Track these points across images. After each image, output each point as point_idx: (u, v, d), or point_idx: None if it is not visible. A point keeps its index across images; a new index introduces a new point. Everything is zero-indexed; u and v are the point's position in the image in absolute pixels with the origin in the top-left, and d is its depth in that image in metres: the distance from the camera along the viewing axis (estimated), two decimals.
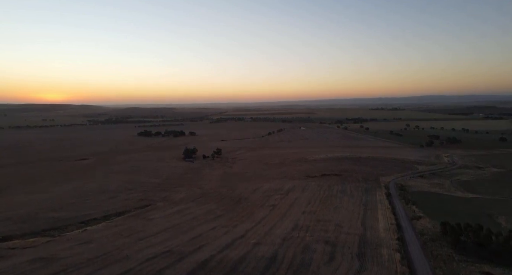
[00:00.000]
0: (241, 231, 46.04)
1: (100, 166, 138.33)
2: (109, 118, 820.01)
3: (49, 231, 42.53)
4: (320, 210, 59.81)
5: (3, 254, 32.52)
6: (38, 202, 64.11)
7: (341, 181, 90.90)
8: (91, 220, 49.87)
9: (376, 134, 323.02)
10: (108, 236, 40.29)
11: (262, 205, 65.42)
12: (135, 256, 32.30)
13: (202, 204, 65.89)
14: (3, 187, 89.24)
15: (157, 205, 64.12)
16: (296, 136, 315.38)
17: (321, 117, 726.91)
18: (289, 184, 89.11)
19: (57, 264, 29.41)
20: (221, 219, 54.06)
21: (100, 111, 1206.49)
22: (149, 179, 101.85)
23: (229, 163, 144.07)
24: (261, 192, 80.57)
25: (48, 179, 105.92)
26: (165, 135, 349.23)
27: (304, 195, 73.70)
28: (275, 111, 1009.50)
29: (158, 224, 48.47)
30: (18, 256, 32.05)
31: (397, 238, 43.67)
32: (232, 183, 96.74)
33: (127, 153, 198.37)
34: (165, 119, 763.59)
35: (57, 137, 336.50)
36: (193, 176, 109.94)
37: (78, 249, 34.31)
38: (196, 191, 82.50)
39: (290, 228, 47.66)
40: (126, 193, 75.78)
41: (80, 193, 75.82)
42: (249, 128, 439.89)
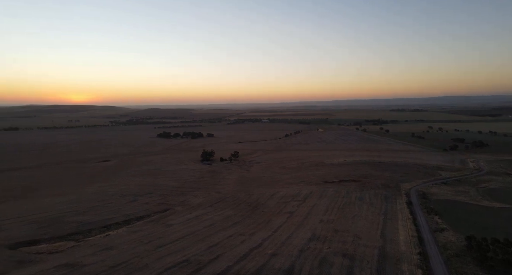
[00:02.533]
0: (258, 240, 46.01)
1: (121, 168, 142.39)
2: (130, 119, 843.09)
3: (74, 235, 44.15)
4: (338, 219, 58.88)
5: (31, 259, 34.07)
6: (62, 205, 66.74)
7: (360, 188, 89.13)
8: (113, 224, 51.35)
9: (396, 137, 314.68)
10: (128, 242, 41.35)
11: (279, 212, 65.16)
12: (154, 265, 32.98)
13: (219, 210, 66.38)
14: (30, 190, 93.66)
15: (175, 210, 65.20)
16: (313, 139, 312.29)
17: (339, 119, 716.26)
18: (306, 190, 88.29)
19: (81, 271, 30.49)
20: (238, 226, 54.25)
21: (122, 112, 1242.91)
22: (167, 182, 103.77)
23: (246, 166, 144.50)
24: (278, 197, 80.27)
25: (72, 181, 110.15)
26: (183, 137, 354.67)
27: (321, 202, 72.79)
28: (292, 113, 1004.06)
29: (176, 230, 49.25)
30: (45, 261, 33.46)
31: (418, 253, 42.27)
32: (249, 187, 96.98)
33: (147, 155, 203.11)
34: (183, 120, 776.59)
35: (81, 138, 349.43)
36: (210, 180, 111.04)
37: (100, 255, 35.40)
38: (213, 195, 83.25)
39: (307, 238, 47.18)
40: (145, 197, 77.54)
41: (102, 196, 78.29)
42: (266, 130, 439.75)
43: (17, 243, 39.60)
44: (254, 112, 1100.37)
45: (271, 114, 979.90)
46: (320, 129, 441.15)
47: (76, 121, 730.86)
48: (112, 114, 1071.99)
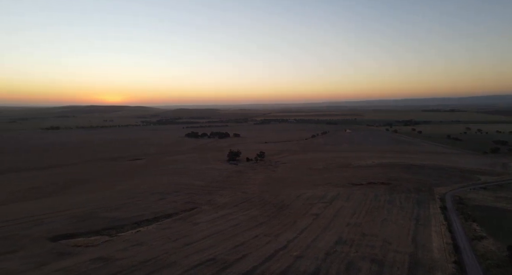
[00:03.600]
0: (283, 241, 45.78)
1: (151, 166, 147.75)
2: (160, 119, 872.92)
3: (108, 230, 46.37)
4: (366, 222, 57.15)
5: (70, 251, 36.25)
6: (97, 201, 70.39)
7: (390, 191, 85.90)
8: (144, 221, 53.32)
9: (430, 138, 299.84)
10: (158, 239, 42.75)
11: (305, 214, 64.42)
12: (182, 262, 33.86)
13: (245, 210, 66.83)
14: (68, 186, 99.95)
15: (202, 209, 66.45)
16: (341, 140, 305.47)
17: (368, 119, 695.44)
18: (333, 192, 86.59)
19: (114, 265, 31.93)
20: (263, 226, 54.30)
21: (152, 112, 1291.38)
22: (195, 181, 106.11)
23: (272, 167, 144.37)
24: (304, 199, 79.39)
25: (105, 179, 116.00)
26: (210, 136, 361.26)
27: (348, 205, 71.04)
28: (320, 113, 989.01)
29: (203, 229, 50.21)
30: (82, 254, 35.44)
31: (454, 261, 39.90)
32: (275, 188, 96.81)
33: (175, 154, 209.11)
34: (210, 120, 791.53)
35: (114, 137, 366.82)
36: (236, 179, 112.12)
37: (132, 251, 36.87)
38: (239, 195, 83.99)
39: (334, 241, 46.22)
40: (173, 195, 79.82)
41: (133, 193, 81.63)
42: (293, 130, 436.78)
43: (57, 236, 42.25)
44: (281, 113, 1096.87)
45: (297, 115, 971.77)
46: (348, 130, 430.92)
47: (110, 121, 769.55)
48: (143, 115, 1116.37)
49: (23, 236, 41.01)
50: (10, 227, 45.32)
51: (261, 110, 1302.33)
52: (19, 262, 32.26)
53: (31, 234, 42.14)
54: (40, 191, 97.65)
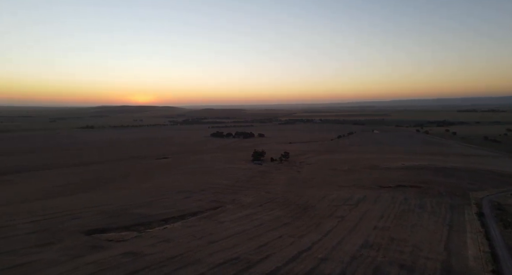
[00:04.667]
0: (307, 242, 45.24)
1: (177, 165, 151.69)
2: (187, 119, 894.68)
3: (137, 226, 48.19)
4: (394, 226, 55.11)
5: (103, 245, 38.08)
6: (127, 198, 73.40)
7: (420, 194, 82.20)
8: (170, 218, 54.85)
9: (465, 140, 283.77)
10: (184, 236, 43.79)
11: (330, 215, 63.27)
12: (206, 260, 34.44)
13: (269, 210, 66.79)
14: (100, 182, 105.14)
15: (226, 208, 67.20)
16: (368, 141, 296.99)
17: (397, 119, 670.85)
18: (359, 194, 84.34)
19: (143, 260, 33.11)
20: (287, 227, 53.97)
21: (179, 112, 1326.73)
22: (219, 180, 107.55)
23: (296, 167, 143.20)
24: (329, 200, 77.99)
25: (134, 176, 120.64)
26: (235, 136, 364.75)
27: (376, 208, 68.85)
28: (346, 113, 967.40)
29: (227, 227, 50.77)
30: (113, 248, 37.09)
31: (492, 271, 37.44)
32: (299, 188, 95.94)
33: (201, 153, 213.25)
34: (235, 120, 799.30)
35: (143, 136, 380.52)
36: (261, 179, 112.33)
37: (159, 247, 38.05)
38: (263, 195, 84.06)
39: (360, 245, 45.00)
40: (199, 194, 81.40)
41: (160, 191, 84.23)
42: (318, 131, 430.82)
43: (91, 230, 44.42)
44: (306, 113, 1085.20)
45: (323, 115, 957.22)
46: (376, 131, 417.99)
47: (140, 120, 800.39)
48: (171, 114, 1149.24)
49: (60, 229, 43.52)
50: (49, 221, 48.29)
51: (286, 110, 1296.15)
52: (58, 254, 34.29)
53: (67, 228, 44.64)
54: (75, 187, 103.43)
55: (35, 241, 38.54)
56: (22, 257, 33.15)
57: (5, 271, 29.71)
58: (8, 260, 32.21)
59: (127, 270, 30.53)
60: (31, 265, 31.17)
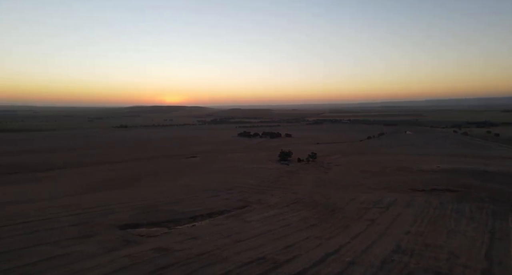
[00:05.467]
0: (335, 245, 44.35)
1: (205, 164, 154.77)
2: (215, 118, 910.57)
3: (166, 223, 49.86)
4: (428, 232, 52.42)
5: (135, 240, 39.81)
6: (157, 195, 76.07)
7: (457, 199, 77.44)
8: (198, 216, 56.17)
9: (510, 142, 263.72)
10: (211, 234, 44.63)
11: (359, 218, 61.56)
12: (233, 259, 34.85)
13: (295, 211, 66.33)
14: (135, 179, 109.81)
15: (253, 207, 67.59)
16: (399, 142, 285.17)
17: (432, 120, 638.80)
18: (389, 197, 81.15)
19: (172, 256, 34.17)
20: (314, 228, 53.27)
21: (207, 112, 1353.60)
22: (246, 179, 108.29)
23: (324, 168, 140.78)
24: (358, 203, 75.88)
25: (165, 174, 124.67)
26: (262, 136, 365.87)
27: (408, 212, 65.88)
28: (376, 113, 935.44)
29: (254, 227, 51.07)
30: (145, 243, 38.65)
31: None
32: (326, 190, 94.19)
33: (228, 152, 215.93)
34: (263, 120, 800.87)
35: (173, 135, 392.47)
36: (287, 180, 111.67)
37: (188, 244, 39.08)
38: (290, 196, 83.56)
39: (391, 250, 43.33)
40: (226, 193, 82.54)
41: (189, 189, 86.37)
42: (346, 131, 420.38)
43: (125, 225, 46.56)
44: (334, 113, 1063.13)
45: (352, 115, 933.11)
46: (408, 132, 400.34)
47: (170, 120, 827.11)
48: (200, 114, 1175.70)
49: (97, 223, 45.98)
50: (87, 215, 51.20)
51: (314, 110, 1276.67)
52: (95, 246, 36.26)
53: (103, 222, 47.07)
54: (110, 183, 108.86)
55: (75, 233, 41.09)
56: (64, 248, 35.45)
57: (48, 260, 31.88)
58: (51, 250, 34.60)
59: (158, 265, 31.69)
60: (71, 255, 33.25)
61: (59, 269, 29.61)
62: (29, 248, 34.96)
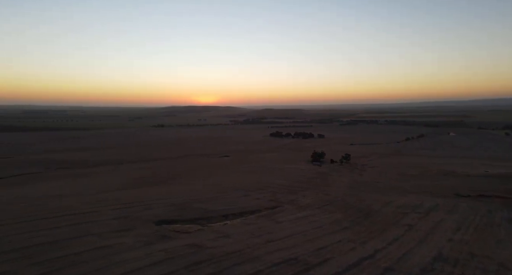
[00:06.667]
0: (370, 249, 42.69)
1: (237, 163, 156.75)
2: (247, 119, 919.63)
3: (199, 220, 51.17)
4: (474, 240, 48.62)
5: (170, 236, 41.32)
6: (191, 193, 78.33)
7: (508, 206, 71.01)
8: (230, 215, 56.97)
9: None
10: (242, 233, 45.02)
11: (396, 223, 58.76)
12: (264, 258, 34.86)
13: (328, 212, 64.89)
14: (170, 177, 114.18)
15: (284, 208, 67.21)
16: (442, 144, 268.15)
17: (480, 121, 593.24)
18: (430, 202, 76.51)
19: (205, 252, 34.97)
20: (347, 231, 51.73)
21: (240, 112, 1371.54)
22: (277, 180, 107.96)
23: (358, 170, 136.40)
24: (394, 206, 72.47)
25: (198, 173, 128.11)
26: (294, 136, 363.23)
27: (451, 218, 61.64)
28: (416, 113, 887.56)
29: (285, 228, 50.75)
30: (179, 239, 39.95)
31: None
32: (360, 192, 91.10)
33: (260, 152, 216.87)
34: (295, 120, 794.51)
35: (207, 135, 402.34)
36: (320, 181, 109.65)
37: (220, 241, 39.78)
38: (322, 197, 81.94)
39: (431, 257, 40.78)
40: (257, 192, 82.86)
41: (221, 188, 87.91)
42: (383, 132, 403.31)
43: (160, 220, 48.51)
44: (370, 113, 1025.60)
45: (389, 116, 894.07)
46: (452, 133, 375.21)
47: (204, 120, 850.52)
48: (232, 114, 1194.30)
49: (135, 218, 48.37)
50: (127, 209, 54.07)
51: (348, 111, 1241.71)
52: (134, 240, 38.17)
53: (141, 217, 49.41)
54: (148, 180, 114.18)
55: (115, 226, 43.59)
56: (106, 240, 37.75)
57: (92, 251, 34.12)
58: (95, 241, 37.01)
59: (191, 261, 32.58)
60: (113, 247, 35.31)
61: (101, 260, 31.61)
62: (75, 238, 37.72)
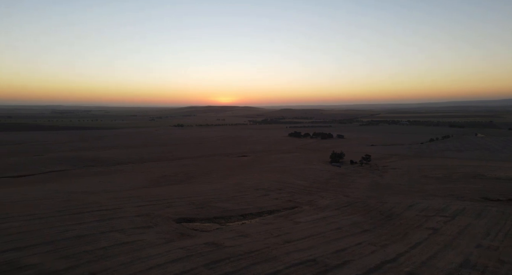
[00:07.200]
0: (391, 253, 41.64)
1: (256, 163, 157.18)
2: (265, 119, 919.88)
3: (218, 219, 51.80)
4: (505, 247, 46.29)
5: (189, 233, 42.12)
6: (211, 192, 79.36)
7: None
8: (248, 214, 57.31)
9: None
10: (260, 232, 45.17)
11: (419, 226, 57.00)
12: (282, 259, 34.83)
13: (347, 214, 63.90)
14: (190, 176, 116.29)
15: (303, 208, 66.84)
16: (469, 146, 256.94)
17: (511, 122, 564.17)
18: (456, 205, 73.57)
19: (223, 251, 35.38)
20: (368, 234, 50.71)
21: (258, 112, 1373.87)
22: (296, 180, 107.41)
23: (379, 171, 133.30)
24: (418, 210, 70.29)
25: (218, 172, 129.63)
26: (313, 137, 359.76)
27: (479, 223, 58.99)
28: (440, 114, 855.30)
29: (303, 228, 50.46)
30: (198, 237, 40.65)
31: None
32: (381, 194, 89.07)
33: (278, 152, 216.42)
34: (313, 120, 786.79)
35: (225, 135, 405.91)
36: (339, 182, 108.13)
37: (238, 240, 40.12)
38: (341, 199, 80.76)
39: (458, 263, 39.24)
40: (276, 192, 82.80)
41: (240, 187, 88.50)
42: (405, 133, 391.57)
43: (181, 218, 49.56)
44: (391, 114, 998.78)
45: (411, 116, 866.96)
46: (480, 135, 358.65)
47: (222, 120, 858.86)
48: (251, 114, 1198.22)
49: (157, 215, 49.66)
50: (149, 207, 55.63)
51: (368, 111, 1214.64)
52: (155, 236, 39.24)
53: (162, 214, 50.67)
54: (169, 179, 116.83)
55: (138, 223, 44.96)
56: (130, 236, 39.03)
57: (117, 246, 35.39)
58: (120, 237, 38.34)
59: (209, 259, 33.05)
60: (135, 243, 36.46)
61: (125, 255, 32.75)
62: (102, 233, 39.27)
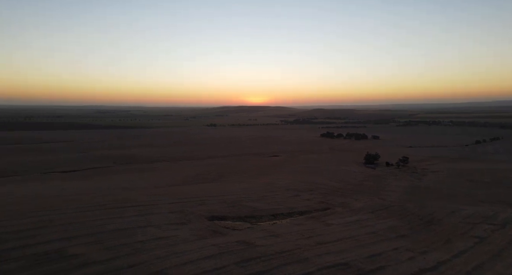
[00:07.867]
0: (431, 261, 39.34)
1: (287, 163, 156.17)
2: (297, 119, 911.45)
3: (249, 218, 52.21)
4: None
5: (221, 231, 42.91)
6: (241, 191, 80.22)
7: None
8: (279, 214, 57.13)
9: None
10: (291, 233, 44.82)
11: (463, 234, 53.23)
12: (314, 261, 34.28)
13: (382, 218, 61.37)
14: (222, 175, 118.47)
15: (335, 210, 65.32)
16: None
17: None
18: (506, 213, 67.66)
19: (254, 250, 35.60)
20: (405, 239, 48.31)
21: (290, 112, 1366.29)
22: (328, 181, 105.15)
23: (417, 174, 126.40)
24: (461, 216, 65.67)
25: (249, 171, 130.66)
26: (346, 137, 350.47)
27: None
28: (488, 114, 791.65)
29: (336, 231, 49.29)
30: (229, 235, 41.27)
31: None
32: (421, 198, 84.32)
33: (310, 153, 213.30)
34: (347, 121, 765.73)
35: (256, 135, 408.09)
36: (373, 184, 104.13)
37: (269, 240, 40.14)
38: (376, 202, 77.74)
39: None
40: (307, 193, 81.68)
41: (271, 187, 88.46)
42: (448, 134, 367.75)
43: (213, 216, 50.66)
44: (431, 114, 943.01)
45: (454, 116, 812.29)
46: None
47: (254, 120, 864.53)
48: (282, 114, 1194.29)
49: (190, 213, 51.23)
50: (183, 204, 57.56)
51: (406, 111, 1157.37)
52: (188, 233, 40.52)
53: (195, 212, 52.16)
54: (202, 177, 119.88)
55: (172, 219, 46.70)
56: (164, 231, 40.69)
57: (153, 240, 37.09)
58: (155, 232, 40.13)
59: (241, 257, 33.41)
60: (170, 239, 37.91)
61: (161, 249, 34.23)
62: (139, 228, 41.36)
